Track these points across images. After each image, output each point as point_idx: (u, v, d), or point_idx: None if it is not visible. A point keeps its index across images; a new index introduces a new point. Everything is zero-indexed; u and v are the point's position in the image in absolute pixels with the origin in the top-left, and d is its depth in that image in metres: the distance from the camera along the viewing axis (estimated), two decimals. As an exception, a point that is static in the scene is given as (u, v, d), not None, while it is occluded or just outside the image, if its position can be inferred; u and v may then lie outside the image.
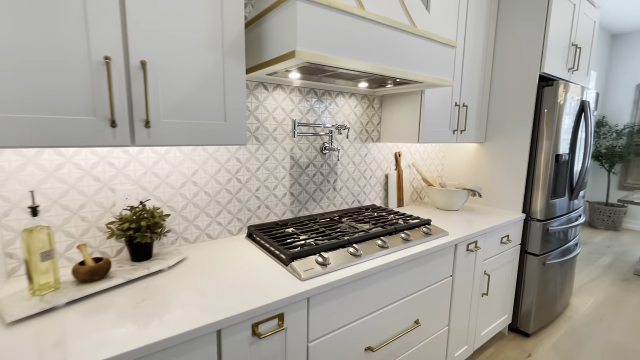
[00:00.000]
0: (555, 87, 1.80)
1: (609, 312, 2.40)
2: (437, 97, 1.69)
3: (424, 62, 1.29)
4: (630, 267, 3.26)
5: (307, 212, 1.65)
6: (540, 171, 1.88)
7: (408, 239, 1.34)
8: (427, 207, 2.08)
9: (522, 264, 2.00)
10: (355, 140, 1.79)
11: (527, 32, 1.86)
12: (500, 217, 1.82)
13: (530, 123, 1.88)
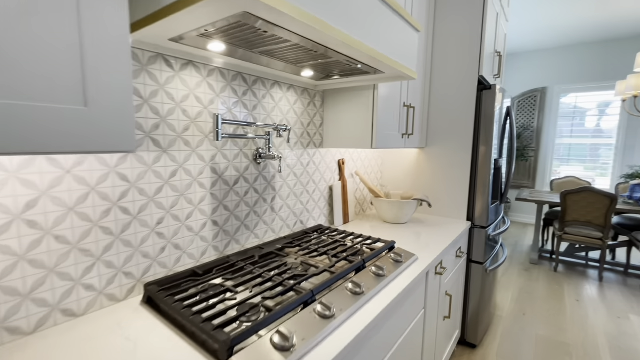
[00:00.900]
0: (493, 90, 1.76)
1: (526, 304, 2.58)
2: (387, 94, 1.44)
3: (391, 41, 1.00)
4: (525, 257, 3.71)
5: (239, 246, 1.19)
6: (481, 176, 1.83)
7: (380, 273, 1.01)
8: (372, 220, 1.83)
9: (468, 274, 1.92)
10: (296, 145, 1.41)
11: (465, 31, 1.79)
12: (451, 228, 1.69)
13: (472, 126, 1.81)
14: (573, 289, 2.88)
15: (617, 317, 2.41)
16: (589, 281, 3.05)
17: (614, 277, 3.17)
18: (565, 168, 4.93)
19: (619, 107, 4.44)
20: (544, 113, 4.94)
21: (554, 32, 4.12)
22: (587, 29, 3.98)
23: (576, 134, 4.80)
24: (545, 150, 4.99)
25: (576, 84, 4.67)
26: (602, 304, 2.60)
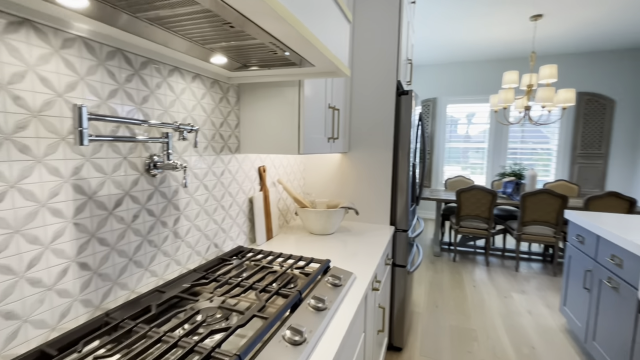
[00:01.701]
0: (410, 95, 1.79)
1: (437, 296, 2.78)
2: (312, 94, 1.29)
3: (326, 28, 0.84)
4: (429, 250, 4.08)
5: (126, 293, 0.85)
6: (401, 180, 1.85)
7: (321, 306, 0.84)
8: (297, 232, 1.66)
9: (393, 279, 1.92)
10: (206, 150, 1.12)
11: (384, 35, 1.77)
12: (379, 234, 1.64)
13: (392, 131, 1.81)
14: (469, 275, 3.26)
15: (504, 297, 2.80)
16: (479, 267, 3.52)
17: (496, 260, 3.74)
18: (447, 168, 5.69)
19: (490, 116, 5.34)
20: (436, 120, 5.61)
21: (444, 50, 4.69)
22: (468, 50, 4.66)
23: (457, 139, 5.60)
24: (438, 153, 5.66)
25: (459, 95, 5.43)
26: (492, 287, 3.00)
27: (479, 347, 2.07)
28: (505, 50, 4.63)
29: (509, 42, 4.28)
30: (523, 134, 5.13)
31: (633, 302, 1.47)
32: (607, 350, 1.68)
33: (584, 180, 4.84)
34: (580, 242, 2.02)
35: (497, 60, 5.13)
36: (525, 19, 3.54)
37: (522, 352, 2.02)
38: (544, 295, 2.82)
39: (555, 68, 3.24)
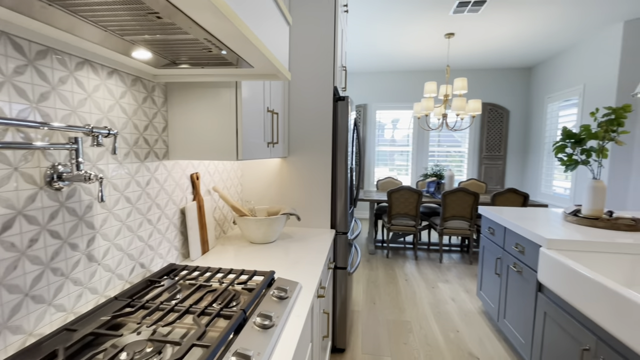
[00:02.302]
0: (346, 101, 1.84)
1: (374, 293, 2.91)
2: (250, 96, 1.22)
3: (266, 29, 0.79)
4: (365, 249, 4.27)
5: (19, 338, 0.68)
6: (340, 183, 1.88)
7: (267, 323, 0.79)
8: (235, 242, 1.56)
9: (334, 282, 1.94)
10: (127, 158, 0.97)
11: (320, 40, 1.79)
12: (321, 239, 1.64)
13: (330, 135, 1.83)
14: (401, 270, 3.50)
15: (432, 287, 3.06)
16: (409, 261, 3.80)
17: (423, 254, 4.08)
18: (377, 170, 6.07)
19: (413, 122, 5.84)
20: (367, 125, 5.92)
21: (374, 60, 4.98)
22: (395, 61, 5.02)
23: (384, 143, 6.00)
24: (369, 156, 5.98)
25: (386, 102, 5.83)
26: (421, 279, 3.26)
27: (414, 337, 2.22)
28: (426, 62, 5.12)
29: (429, 55, 4.75)
30: (439, 139, 5.74)
31: (533, 283, 1.73)
32: (514, 326, 1.95)
33: (489, 179, 5.61)
34: (491, 234, 2.32)
35: (420, 71, 5.64)
36: (441, 36, 3.96)
37: (449, 336, 2.23)
38: (463, 283, 3.17)
39: (465, 81, 3.69)
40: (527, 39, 4.00)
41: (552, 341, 1.56)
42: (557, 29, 3.67)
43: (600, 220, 1.83)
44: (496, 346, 2.12)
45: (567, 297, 1.41)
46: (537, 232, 1.70)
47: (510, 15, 3.34)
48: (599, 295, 1.22)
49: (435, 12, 3.30)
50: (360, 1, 3.10)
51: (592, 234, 1.68)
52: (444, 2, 3.10)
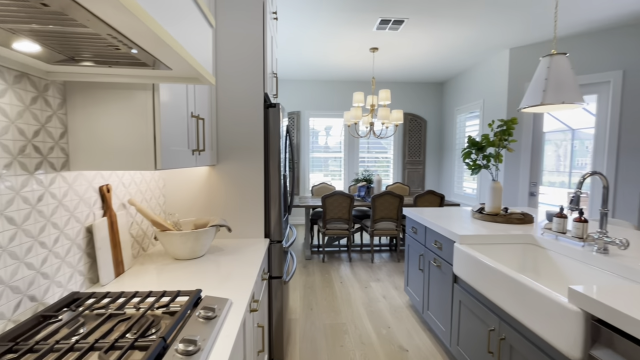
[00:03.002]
0: (277, 108, 1.83)
1: (311, 299, 2.93)
2: (170, 100, 1.13)
3: (185, 29, 0.74)
4: (301, 254, 4.28)
5: None
6: (273, 191, 1.85)
7: (192, 349, 0.72)
8: (158, 260, 1.42)
9: (270, 292, 1.89)
10: (10, 169, 0.81)
11: (249, 46, 1.75)
12: (254, 250, 1.58)
13: (262, 142, 1.80)
14: (337, 273, 3.59)
15: (365, 287, 3.20)
16: (344, 263, 3.92)
17: (356, 255, 4.26)
18: (312, 175, 6.19)
19: (344, 129, 6.10)
20: (301, 132, 5.99)
21: (307, 68, 5.07)
22: (326, 71, 5.19)
23: (318, 149, 6.16)
24: (304, 162, 6.05)
25: (319, 110, 5.98)
26: (355, 280, 3.39)
27: (349, 338, 2.28)
28: (354, 73, 5.40)
29: (357, 67, 5.02)
30: (369, 145, 6.10)
31: (450, 275, 1.93)
32: (436, 316, 2.14)
33: (412, 182, 6.14)
34: (415, 233, 2.53)
35: (349, 81, 5.93)
36: (366, 50, 4.23)
37: (382, 333, 2.35)
38: (393, 280, 3.39)
39: (388, 92, 4.00)
40: (438, 57, 4.52)
41: (466, 326, 1.76)
42: (461, 50, 4.22)
43: (499, 216, 2.13)
44: (422, 337, 2.30)
45: (475, 285, 1.60)
46: (451, 230, 1.90)
47: (425, 36, 3.73)
48: (499, 281, 1.41)
49: (361, 27, 3.51)
50: (288, 9, 3.14)
51: (494, 228, 1.95)
52: (368, 19, 3.32)
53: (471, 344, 1.70)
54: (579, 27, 3.44)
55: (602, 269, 1.38)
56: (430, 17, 3.24)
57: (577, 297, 1.02)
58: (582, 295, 1.00)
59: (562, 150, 7.89)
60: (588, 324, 1.00)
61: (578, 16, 3.18)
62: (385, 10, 3.12)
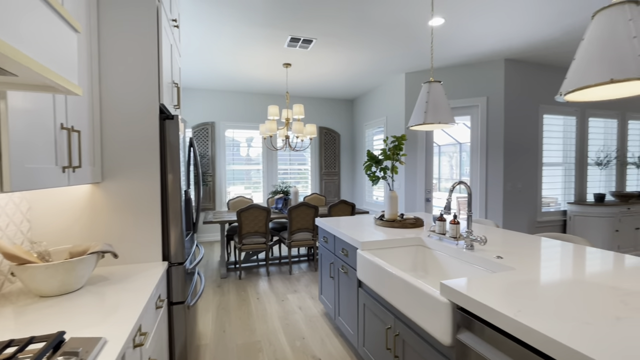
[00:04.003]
0: (176, 120, 1.72)
1: (225, 320, 2.77)
2: (30, 109, 0.96)
3: (30, 35, 0.65)
4: (216, 273, 4.04)
5: None
6: (173, 208, 1.72)
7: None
8: (16, 300, 1.17)
9: (170, 320, 1.72)
10: None
11: (142, 55, 1.61)
12: (146, 276, 1.43)
13: (157, 156, 1.66)
14: (254, 289, 3.49)
15: (281, 300, 3.18)
16: (262, 278, 3.84)
17: (275, 269, 4.21)
18: (232, 188, 5.99)
19: (262, 141, 6.06)
20: (215, 143, 5.74)
21: (221, 79, 4.90)
22: (241, 82, 5.10)
23: (237, 161, 6.00)
24: (220, 175, 5.79)
25: (235, 121, 5.83)
26: (272, 294, 3.34)
27: (264, 356, 2.22)
28: (270, 86, 5.45)
29: (272, 81, 5.08)
30: (290, 157, 6.19)
31: (355, 280, 2.06)
32: (346, 321, 2.25)
33: (328, 192, 6.42)
34: (326, 242, 2.64)
35: (265, 94, 5.95)
36: (280, 65, 4.32)
37: (296, 345, 2.36)
38: (310, 290, 3.45)
39: (302, 107, 4.14)
40: (347, 76, 4.88)
41: (369, 327, 1.89)
42: (366, 72, 4.65)
43: (396, 222, 2.38)
44: (335, 343, 2.39)
45: (374, 288, 1.74)
46: (355, 237, 2.04)
47: (334, 56, 4.00)
48: (391, 281, 1.56)
49: (272, 43, 3.58)
50: (192, 20, 3.02)
51: (391, 233, 2.16)
52: (279, 36, 3.41)
53: (374, 343, 1.83)
54: (454, 60, 4.13)
55: (470, 263, 1.65)
56: (337, 39, 3.50)
57: (446, 290, 1.19)
58: (448, 287, 1.18)
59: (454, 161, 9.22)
60: (454, 312, 1.18)
61: (452, 51, 3.83)
62: (295, 28, 3.25)
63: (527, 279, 1.22)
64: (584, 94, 1.28)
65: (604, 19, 1.19)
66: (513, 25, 3.18)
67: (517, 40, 3.53)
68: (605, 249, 4.27)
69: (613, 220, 4.27)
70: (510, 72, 4.14)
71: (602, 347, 0.76)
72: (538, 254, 1.58)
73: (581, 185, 4.75)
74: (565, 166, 4.68)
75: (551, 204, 4.65)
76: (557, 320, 0.89)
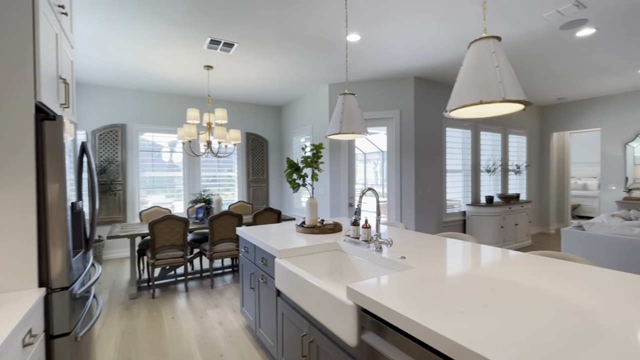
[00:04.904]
0: (59, 121, 1.48)
1: (131, 346, 2.46)
2: None
3: None
4: (125, 294, 3.59)
5: None
6: (57, 224, 1.47)
7: None
8: None
9: (50, 356, 1.45)
10: None
11: (7, 47, 1.35)
12: (12, 308, 1.18)
13: (33, 164, 1.40)
14: (169, 308, 3.18)
15: (200, 317, 2.97)
16: (180, 295, 3.54)
17: (195, 283, 3.93)
18: (152, 197, 5.44)
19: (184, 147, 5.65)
20: (127, 148, 5.15)
21: (134, 77, 4.42)
22: (158, 82, 4.68)
23: (159, 168, 5.48)
24: (132, 183, 5.20)
25: (152, 124, 5.32)
26: (190, 311, 3.10)
27: (174, 382, 2.03)
28: (190, 88, 5.12)
29: (192, 82, 4.78)
30: (219, 164, 5.88)
31: (274, 290, 2.03)
32: (267, 332, 2.20)
33: (256, 199, 6.28)
34: (246, 252, 2.56)
35: (184, 96, 5.57)
36: (200, 67, 4.09)
37: (213, 364, 2.21)
38: (232, 303, 3.29)
39: (225, 112, 3.98)
40: (274, 84, 4.88)
41: (287, 335, 1.87)
42: (292, 80, 4.70)
43: (315, 227, 2.42)
44: (255, 356, 2.31)
45: (290, 295, 1.73)
46: (273, 245, 2.01)
47: (258, 62, 3.95)
48: (305, 288, 1.57)
49: (191, 44, 3.38)
50: (95, 11, 2.68)
51: (311, 239, 2.20)
52: (198, 37, 3.23)
53: (292, 351, 1.82)
54: (372, 75, 4.46)
55: (379, 264, 1.77)
56: (259, 45, 3.47)
57: (351, 293, 1.25)
58: (352, 290, 1.23)
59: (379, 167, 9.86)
60: (359, 314, 1.24)
61: (369, 66, 4.12)
62: (215, 31, 3.13)
63: (423, 276, 1.35)
64: (463, 112, 1.49)
65: (476, 50, 1.40)
66: (419, 48, 3.57)
67: (423, 61, 3.98)
68: (494, 243, 5.04)
69: (499, 218, 5.07)
70: (419, 89, 4.63)
71: (468, 331, 0.87)
72: (435, 252, 1.77)
73: (476, 189, 5.53)
74: (464, 172, 5.40)
75: (455, 206, 5.30)
76: (438, 312, 1.00)
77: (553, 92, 5.53)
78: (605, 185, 5.85)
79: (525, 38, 3.31)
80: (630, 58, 3.94)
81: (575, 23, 2.97)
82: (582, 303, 1.06)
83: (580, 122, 6.19)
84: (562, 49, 3.60)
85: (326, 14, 2.81)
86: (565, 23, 2.98)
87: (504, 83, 1.30)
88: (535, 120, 6.74)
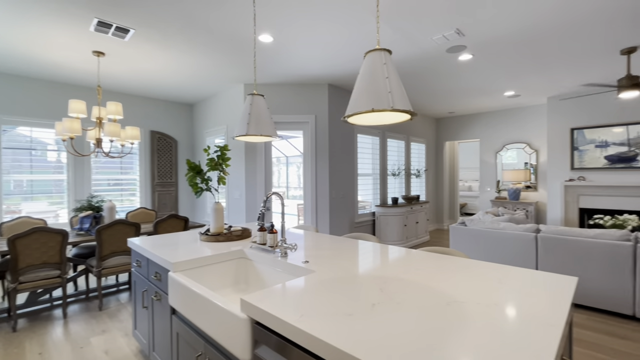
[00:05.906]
0: None
1: (-30, 401, 1.91)
2: None
3: None
4: (-30, 331, 2.80)
5: None
6: None
7: None
8: None
9: None
10: None
11: None
12: None
13: None
14: (36, 342, 2.60)
15: (80, 347, 2.49)
16: (55, 323, 2.93)
17: (79, 306, 3.31)
18: (29, 205, 4.42)
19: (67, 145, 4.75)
20: (-19, 144, 4.08)
21: (-21, 51, 3.50)
22: (31, 64, 3.81)
23: (39, 169, 4.48)
24: (-11, 188, 4.14)
25: (27, 117, 4.33)
26: (67, 342, 2.58)
27: None
28: (73, 76, 4.34)
29: (76, 69, 4.06)
30: (122, 165, 5.09)
31: (168, 308, 1.81)
32: (161, 355, 1.95)
33: (163, 205, 5.67)
34: (139, 266, 2.24)
35: (66, 84, 4.70)
36: (88, 52, 3.50)
37: (91, 404, 1.86)
38: (125, 326, 2.86)
39: (120, 106, 3.48)
40: (182, 79, 4.47)
41: (183, 357, 1.68)
42: (203, 77, 4.38)
43: (221, 235, 2.26)
44: (147, 385, 2.03)
45: (185, 312, 1.56)
46: (165, 258, 1.80)
47: (161, 53, 3.56)
48: (199, 303, 1.43)
49: (74, 24, 2.84)
50: None
51: (216, 248, 2.03)
52: (80, 15, 2.74)
53: (187, 375, 1.64)
54: (288, 78, 4.46)
55: (284, 270, 1.72)
56: (161, 35, 3.12)
57: (244, 305, 1.17)
58: (246, 303, 1.15)
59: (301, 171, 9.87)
60: (252, 327, 1.16)
61: (284, 70, 4.11)
62: (103, 11, 2.69)
63: (322, 280, 1.35)
64: (358, 119, 1.55)
65: (370, 60, 1.48)
66: (333, 57, 3.70)
67: (336, 69, 4.14)
68: (398, 240, 5.53)
69: (403, 217, 5.59)
70: (333, 96, 4.81)
71: (353, 334, 0.88)
72: (337, 254, 1.81)
73: (384, 191, 6.01)
74: (373, 176, 5.81)
75: (366, 207, 5.66)
76: (328, 317, 0.99)
77: (445, 106, 6.38)
78: (483, 187, 7.00)
79: (421, 56, 3.72)
80: (500, 82, 4.79)
81: (457, 48, 3.47)
82: (453, 294, 1.18)
83: (466, 133, 7.29)
84: (449, 69, 4.17)
85: (233, 9, 2.68)
86: (450, 47, 3.45)
87: (393, 93, 1.39)
88: (432, 130, 7.69)
